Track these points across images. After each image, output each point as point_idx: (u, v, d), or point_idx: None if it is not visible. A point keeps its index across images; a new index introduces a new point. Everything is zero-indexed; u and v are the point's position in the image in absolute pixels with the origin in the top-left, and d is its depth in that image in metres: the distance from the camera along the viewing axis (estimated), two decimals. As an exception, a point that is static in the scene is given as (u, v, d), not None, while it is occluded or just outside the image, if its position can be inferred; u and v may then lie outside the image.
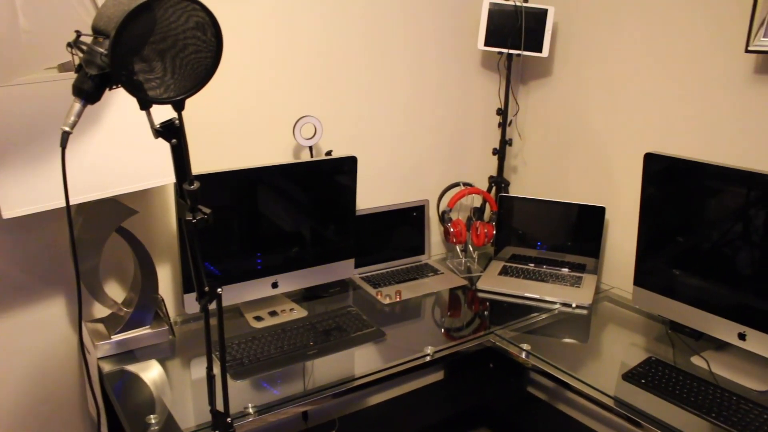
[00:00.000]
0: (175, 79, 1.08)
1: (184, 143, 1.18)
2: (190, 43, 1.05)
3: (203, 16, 1.05)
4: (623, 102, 2.48)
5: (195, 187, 1.22)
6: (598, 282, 2.60)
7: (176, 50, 1.05)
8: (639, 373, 1.91)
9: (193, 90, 1.11)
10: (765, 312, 1.85)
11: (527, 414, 2.82)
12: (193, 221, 1.23)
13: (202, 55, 1.08)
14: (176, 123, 1.17)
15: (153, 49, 1.04)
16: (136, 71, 1.04)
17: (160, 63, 1.05)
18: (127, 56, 1.02)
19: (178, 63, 1.06)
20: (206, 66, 1.09)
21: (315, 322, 2.14)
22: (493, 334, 2.14)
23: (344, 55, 2.38)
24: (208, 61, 1.09)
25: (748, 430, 1.65)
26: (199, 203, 1.26)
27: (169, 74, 1.07)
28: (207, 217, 1.23)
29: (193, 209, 1.24)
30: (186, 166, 1.20)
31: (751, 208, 1.84)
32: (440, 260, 2.75)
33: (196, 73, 1.09)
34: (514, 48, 2.55)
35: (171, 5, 1.01)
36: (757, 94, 2.09)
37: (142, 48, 1.03)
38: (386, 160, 2.61)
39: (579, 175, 2.70)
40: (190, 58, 1.07)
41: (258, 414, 1.69)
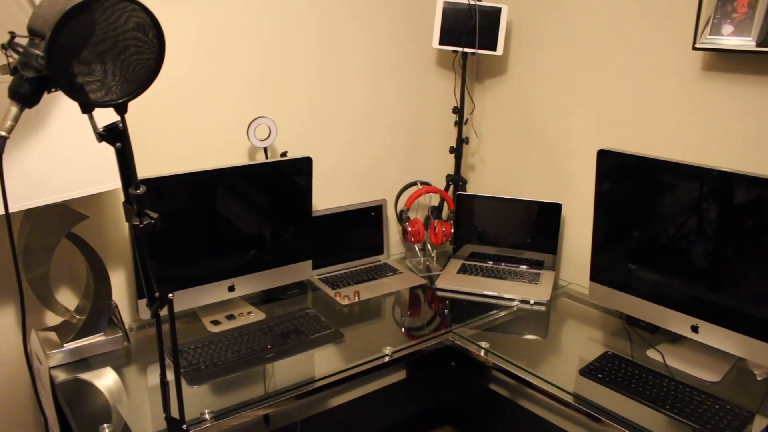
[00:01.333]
0: (116, 82, 1.05)
1: (128, 147, 1.15)
2: (131, 45, 1.03)
3: (143, 16, 1.02)
4: (577, 99, 2.50)
5: (141, 191, 1.19)
6: (556, 278, 2.63)
7: (117, 52, 1.03)
8: (596, 368, 1.93)
9: (136, 92, 1.08)
10: (716, 304, 1.89)
11: (489, 411, 2.83)
12: (140, 226, 1.20)
13: (144, 57, 1.05)
14: (120, 126, 1.14)
15: (92, 51, 1.01)
16: (75, 74, 1.02)
17: (100, 65, 1.02)
18: (65, 58, 0.99)
19: (119, 65, 1.04)
20: (149, 68, 1.07)
21: (273, 324, 2.12)
22: (452, 333, 2.14)
23: (297, 55, 2.36)
24: (150, 63, 1.07)
25: (701, 421, 1.68)
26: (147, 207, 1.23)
27: (111, 76, 1.04)
28: (154, 221, 1.21)
29: (140, 214, 1.21)
30: (131, 170, 1.18)
31: (703, 203, 1.87)
32: (399, 260, 2.75)
33: (138, 75, 1.06)
34: (468, 46, 2.55)
35: (109, 5, 0.99)
36: (704, 90, 2.13)
37: (81, 50, 1.00)
38: (343, 161, 2.60)
39: (536, 173, 2.72)
40: (131, 60, 1.04)
41: (215, 419, 1.67)
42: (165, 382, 1.44)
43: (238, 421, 1.71)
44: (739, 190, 1.78)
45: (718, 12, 1.96)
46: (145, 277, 1.31)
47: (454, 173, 2.79)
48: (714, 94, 2.11)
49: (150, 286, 1.32)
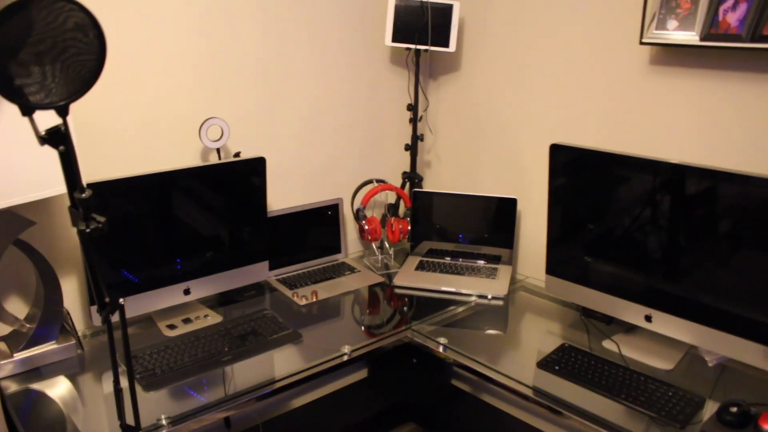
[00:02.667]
0: (57, 84, 1.03)
1: (72, 150, 1.12)
2: (71, 45, 1.01)
3: (82, 16, 1.00)
4: (530, 94, 2.53)
5: (87, 194, 1.17)
6: (514, 272, 2.65)
7: (56, 53, 1.00)
8: (553, 360, 1.95)
9: (77, 94, 1.06)
10: (669, 294, 1.92)
11: (452, 407, 2.84)
12: (86, 230, 1.18)
13: (84, 58, 1.03)
14: (62, 129, 1.11)
15: (30, 52, 0.98)
16: (13, 75, 0.99)
17: (39, 67, 1.00)
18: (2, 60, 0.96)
19: (59, 66, 1.01)
20: (90, 69, 1.05)
21: (230, 327, 2.10)
22: (411, 330, 2.15)
23: (248, 55, 2.34)
24: (91, 64, 1.04)
25: (655, 408, 1.71)
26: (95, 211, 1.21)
27: (50, 78, 1.02)
28: (101, 225, 1.19)
29: (86, 218, 1.19)
30: (76, 174, 1.15)
31: (655, 195, 1.90)
32: (357, 258, 2.74)
33: (79, 77, 1.04)
34: (421, 43, 2.56)
35: (47, 5, 0.96)
36: (652, 84, 2.16)
37: (19, 51, 0.97)
38: (297, 160, 2.58)
39: (491, 168, 2.73)
40: (71, 61, 1.02)
41: (172, 425, 1.65)
42: (119, 389, 1.42)
43: (197, 425, 1.69)
44: (690, 182, 1.82)
45: (663, 7, 1.99)
46: (94, 283, 1.28)
47: (409, 170, 2.79)
48: (661, 88, 2.15)
49: (100, 292, 1.30)
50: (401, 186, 2.80)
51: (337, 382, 2.84)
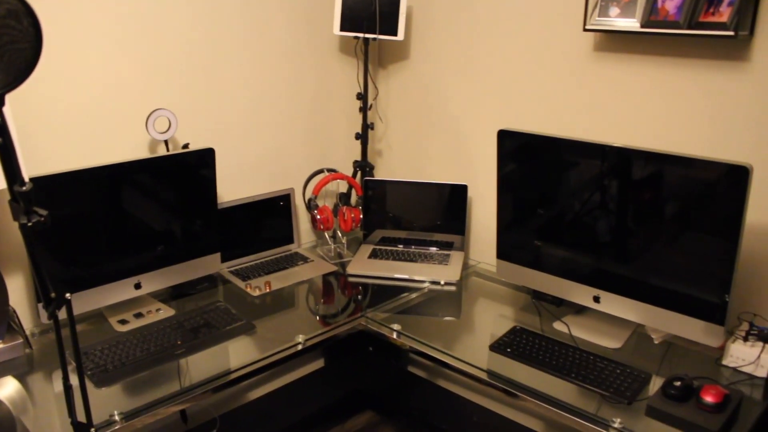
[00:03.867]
0: (-9, 73, 1.00)
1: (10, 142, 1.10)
2: (4, 33, 0.98)
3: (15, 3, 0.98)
4: (477, 82, 2.55)
5: (27, 188, 1.14)
6: (466, 258, 2.68)
7: (-12, 42, 0.98)
8: (505, 343, 1.99)
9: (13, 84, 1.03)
10: (616, 275, 1.97)
11: (409, 393, 2.87)
12: (28, 224, 1.16)
13: (19, 46, 1.00)
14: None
15: (-38, 42, 0.96)
16: (-56, 66, 0.96)
17: (-29, 56, 0.97)
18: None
19: (-7, 55, 0.99)
20: (26, 58, 1.02)
21: (183, 320, 2.08)
22: (365, 318, 2.16)
23: (195, 45, 2.32)
24: (27, 53, 1.02)
25: (603, 386, 1.76)
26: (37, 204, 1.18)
27: (-16, 68, 0.99)
28: (44, 219, 1.16)
29: (27, 211, 1.16)
30: (15, 166, 1.13)
31: (602, 179, 1.94)
32: (310, 248, 2.74)
33: (14, 66, 1.02)
34: (369, 32, 2.56)
35: (-23, -7, 0.94)
36: (596, 70, 2.21)
37: (-51, 40, 0.95)
38: (248, 150, 2.57)
39: (442, 156, 2.76)
40: (6, 49, 0.99)
41: (126, 420, 1.63)
42: (68, 386, 1.40)
43: (152, 419, 1.68)
44: (634, 165, 1.86)
45: (605, -7, 2.04)
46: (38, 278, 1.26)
47: (360, 159, 2.80)
48: (605, 73, 2.19)
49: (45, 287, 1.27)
50: (352, 175, 2.80)
51: (294, 373, 2.84)
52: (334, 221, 2.66)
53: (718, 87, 1.96)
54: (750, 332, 1.89)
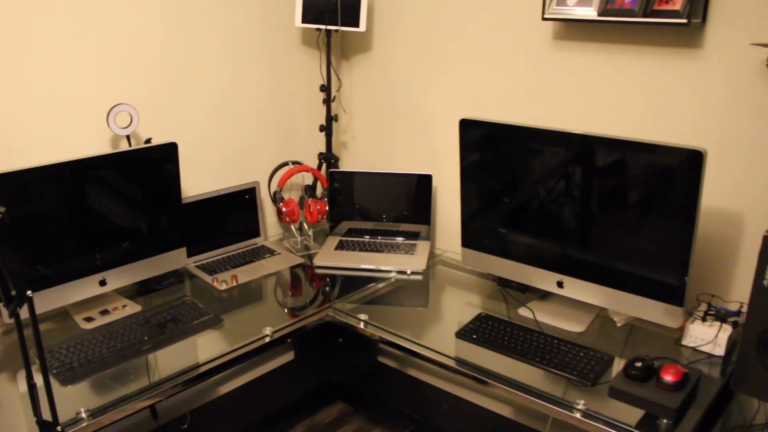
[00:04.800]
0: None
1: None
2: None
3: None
4: (440, 71, 2.57)
5: (-16, 185, 1.13)
6: (432, 247, 2.70)
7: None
8: (471, 330, 2.01)
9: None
10: (578, 260, 2.00)
11: (380, 384, 2.89)
12: (-14, 222, 1.15)
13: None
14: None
15: None
16: None
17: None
18: None
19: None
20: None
21: (149, 316, 2.08)
22: (332, 309, 2.17)
23: (156, 40, 2.30)
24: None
25: (567, 369, 1.79)
26: None
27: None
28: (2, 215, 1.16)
29: (-15, 209, 1.16)
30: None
31: (564, 166, 1.97)
32: (277, 241, 2.74)
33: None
34: (331, 24, 2.56)
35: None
36: (556, 58, 2.24)
37: None
38: (211, 144, 2.56)
39: (406, 146, 2.77)
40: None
41: (92, 417, 1.62)
42: (32, 385, 1.39)
43: (120, 415, 1.67)
44: (594, 152, 1.89)
45: (562, -18, 2.06)
46: (-1, 276, 1.25)
47: (325, 151, 2.80)
48: (565, 62, 2.22)
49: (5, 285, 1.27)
50: (318, 167, 2.81)
51: (264, 366, 2.84)
52: (300, 214, 2.66)
53: (673, 73, 2.01)
54: (708, 313, 1.94)
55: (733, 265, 2.03)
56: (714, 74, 1.93)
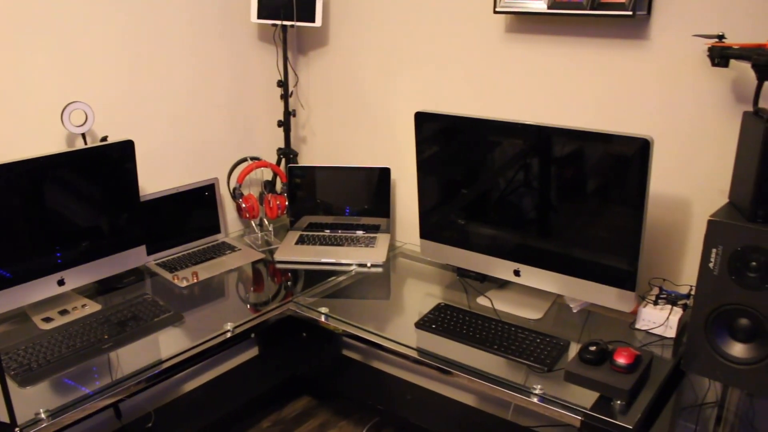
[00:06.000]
0: None
1: None
2: None
3: None
4: (396, 65, 2.59)
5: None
6: (392, 240, 2.73)
7: None
8: (430, 320, 2.04)
9: None
10: (533, 249, 2.05)
11: (344, 377, 2.90)
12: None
13: None
14: None
15: None
16: None
17: None
18: None
19: None
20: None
21: (109, 314, 2.07)
22: (294, 303, 2.18)
23: (111, 37, 2.28)
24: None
25: (524, 355, 1.83)
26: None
27: None
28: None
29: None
30: None
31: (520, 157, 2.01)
32: (238, 237, 2.74)
33: None
34: (287, 19, 2.57)
35: None
36: (509, 50, 2.28)
37: None
38: (169, 141, 2.55)
39: (365, 139, 2.79)
40: None
41: (52, 417, 1.61)
42: (-11, 385, 1.38)
43: (81, 415, 1.67)
44: (546, 142, 1.93)
45: (513, -24, 2.10)
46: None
47: (284, 146, 2.81)
48: (517, 54, 2.26)
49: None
50: (277, 162, 2.81)
51: (228, 363, 2.85)
52: (260, 209, 2.67)
53: (621, 64, 2.06)
54: (659, 296, 1.99)
55: (682, 250, 2.09)
56: (660, 64, 1.99)
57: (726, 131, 1.93)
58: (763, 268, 1.56)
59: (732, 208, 1.71)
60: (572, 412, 1.63)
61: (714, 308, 1.66)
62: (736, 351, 1.66)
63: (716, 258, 1.62)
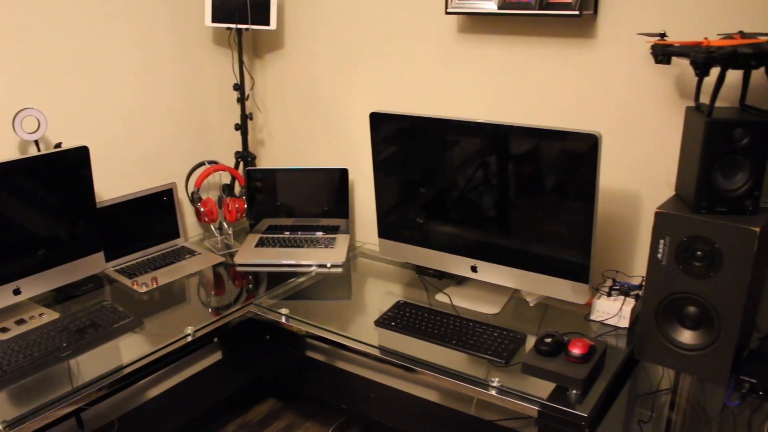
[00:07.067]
0: None
1: None
2: None
3: None
4: (352, 66, 2.61)
5: None
6: (352, 240, 2.75)
7: None
8: (389, 317, 2.06)
9: None
10: (489, 244, 2.08)
11: (309, 378, 2.91)
12: None
13: None
14: None
15: None
16: None
17: None
18: None
19: None
20: None
21: (68, 323, 2.05)
22: (254, 305, 2.19)
23: (63, 41, 2.26)
24: None
25: (482, 349, 1.87)
26: None
27: None
28: None
29: None
30: None
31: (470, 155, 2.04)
32: (198, 241, 2.73)
33: None
34: (242, 22, 2.57)
35: None
36: (462, 50, 2.31)
37: None
38: (125, 147, 2.53)
39: (323, 141, 2.81)
40: None
41: (9, 428, 1.60)
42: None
43: (41, 424, 1.65)
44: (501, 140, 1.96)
45: (463, -23, 2.14)
46: None
47: (242, 150, 2.81)
48: (469, 54, 2.30)
49: None
50: (235, 166, 2.81)
51: (191, 368, 2.84)
52: (219, 213, 2.67)
53: (571, 63, 2.11)
54: (613, 288, 2.05)
55: (634, 242, 2.15)
56: (608, 62, 2.04)
57: (672, 126, 1.99)
58: (708, 257, 1.61)
59: (678, 200, 1.76)
60: (529, 402, 1.67)
61: (663, 297, 1.71)
62: (686, 338, 1.71)
63: (664, 249, 1.68)
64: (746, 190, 1.62)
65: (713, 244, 1.60)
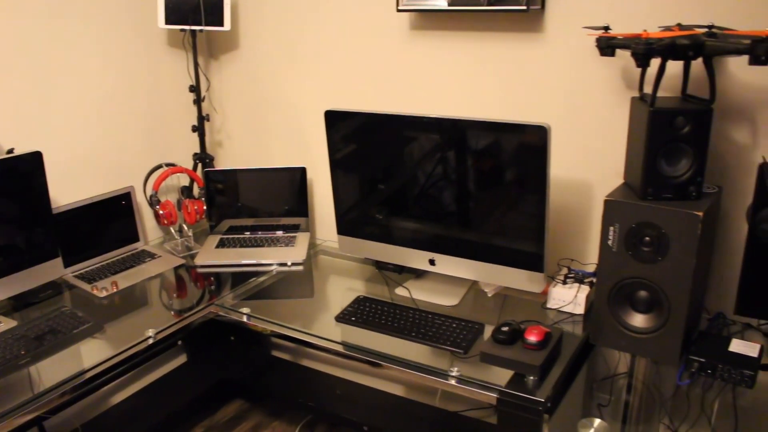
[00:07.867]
0: None
1: None
2: None
3: None
4: (306, 66, 2.63)
5: None
6: (312, 238, 2.77)
7: None
8: (349, 313, 2.09)
9: None
10: (446, 237, 2.12)
11: (275, 377, 2.91)
12: None
13: None
14: None
15: None
16: None
17: None
18: None
19: None
20: None
21: (26, 330, 2.03)
22: (215, 305, 2.19)
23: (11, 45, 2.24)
24: None
25: (441, 340, 1.90)
26: None
27: None
28: None
29: None
30: None
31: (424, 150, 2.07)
32: (158, 245, 2.72)
33: None
34: (195, 24, 2.57)
35: None
36: (414, 47, 2.34)
37: None
38: (81, 151, 2.51)
39: (280, 141, 2.82)
40: None
41: (-33, 440, 1.59)
42: None
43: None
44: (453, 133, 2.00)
45: (413, -25, 2.16)
46: None
47: (200, 151, 2.81)
48: (421, 50, 2.33)
49: None
50: (193, 167, 2.81)
51: (156, 372, 2.82)
52: (178, 215, 2.66)
53: (521, 57, 2.15)
54: (568, 276, 2.10)
55: (587, 231, 2.20)
56: (556, 56, 2.09)
57: (619, 117, 2.04)
58: (656, 242, 1.66)
59: (626, 188, 1.82)
60: (488, 390, 1.70)
61: (615, 283, 1.76)
62: (638, 321, 1.77)
63: (614, 235, 1.72)
64: (690, 176, 1.67)
65: (660, 229, 1.65)
